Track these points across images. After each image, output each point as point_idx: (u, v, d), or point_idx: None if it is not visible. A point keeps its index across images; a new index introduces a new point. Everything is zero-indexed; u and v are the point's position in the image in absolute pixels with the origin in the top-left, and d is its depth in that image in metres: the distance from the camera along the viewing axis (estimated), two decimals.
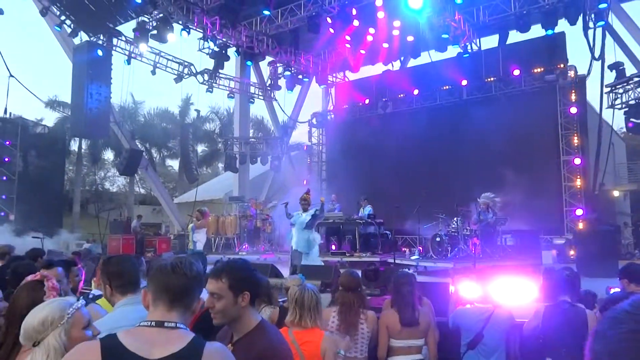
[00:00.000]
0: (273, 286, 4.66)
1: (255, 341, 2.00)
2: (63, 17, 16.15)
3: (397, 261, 10.36)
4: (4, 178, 17.99)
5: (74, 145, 31.38)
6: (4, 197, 17.98)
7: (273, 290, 4.39)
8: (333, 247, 12.77)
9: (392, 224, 13.21)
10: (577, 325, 3.54)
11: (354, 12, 13.76)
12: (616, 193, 18.89)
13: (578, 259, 9.93)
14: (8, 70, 16.49)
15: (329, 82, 20.97)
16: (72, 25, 16.30)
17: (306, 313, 3.07)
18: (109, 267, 2.68)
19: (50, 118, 31.68)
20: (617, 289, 4.86)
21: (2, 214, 17.76)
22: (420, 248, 11.67)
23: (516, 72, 14.92)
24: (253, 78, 20.82)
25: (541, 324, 3.74)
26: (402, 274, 4.30)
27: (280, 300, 4.39)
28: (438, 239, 10.74)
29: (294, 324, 3.09)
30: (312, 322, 3.07)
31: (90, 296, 3.28)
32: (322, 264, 9.13)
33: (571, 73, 14.21)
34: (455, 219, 10.79)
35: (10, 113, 19.00)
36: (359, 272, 5.37)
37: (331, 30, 14.80)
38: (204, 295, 2.03)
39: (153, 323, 1.63)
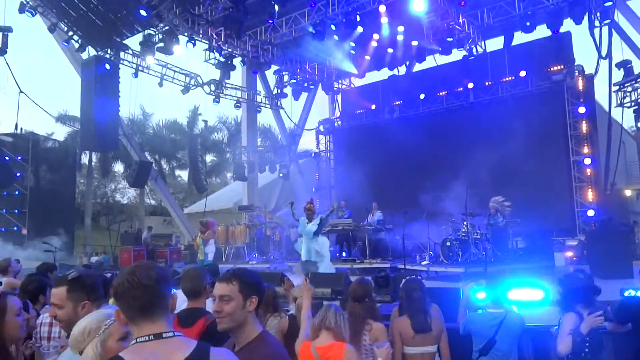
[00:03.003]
0: (281, 295, 4.65)
1: (257, 349, 2.03)
2: (71, 33, 16.33)
3: (407, 267, 10.31)
4: (17, 193, 18.15)
5: (84, 159, 31.66)
6: (16, 211, 18.14)
7: (280, 299, 4.38)
8: (343, 254, 12.73)
9: (402, 229, 13.16)
10: None
11: (358, 18, 13.79)
12: (628, 192, 18.66)
13: (591, 260, 9.78)
14: (18, 86, 16.68)
15: (335, 88, 21.02)
16: (79, 41, 16.48)
17: (330, 330, 3.11)
18: (85, 281, 2.56)
19: (60, 132, 32.09)
20: (632, 291, 4.79)
21: (15, 228, 17.92)
22: (431, 253, 11.61)
23: (523, 74, 14.83)
24: (259, 87, 20.90)
25: None
26: (411, 280, 4.28)
27: (285, 309, 4.37)
28: (448, 244, 10.69)
29: (316, 339, 3.13)
30: (335, 338, 3.10)
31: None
32: (334, 270, 9.10)
33: (578, 72, 14.10)
34: (465, 222, 10.73)
35: (21, 128, 19.19)
36: (370, 279, 5.34)
37: (336, 37, 14.85)
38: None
39: (151, 337, 1.58)
